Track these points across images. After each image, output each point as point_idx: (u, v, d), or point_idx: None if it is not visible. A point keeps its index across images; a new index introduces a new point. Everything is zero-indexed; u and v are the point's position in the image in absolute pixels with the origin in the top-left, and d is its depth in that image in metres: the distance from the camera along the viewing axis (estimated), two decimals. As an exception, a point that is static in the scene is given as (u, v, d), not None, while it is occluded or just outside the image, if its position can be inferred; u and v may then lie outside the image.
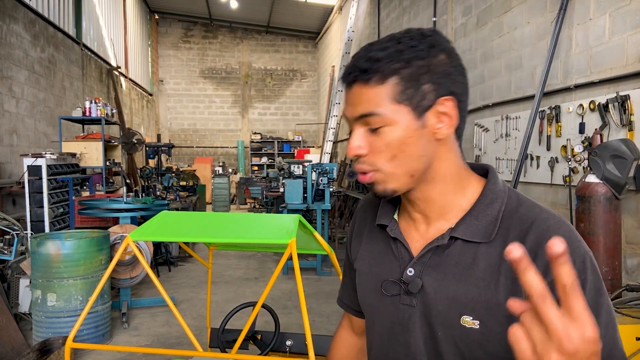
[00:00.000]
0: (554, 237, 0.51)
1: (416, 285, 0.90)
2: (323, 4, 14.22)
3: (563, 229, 0.83)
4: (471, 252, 0.87)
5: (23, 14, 7.20)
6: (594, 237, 3.06)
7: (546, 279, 0.70)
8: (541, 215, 0.85)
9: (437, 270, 0.89)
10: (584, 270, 0.80)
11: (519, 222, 0.85)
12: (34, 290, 4.10)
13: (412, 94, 0.82)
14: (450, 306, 0.87)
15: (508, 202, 0.89)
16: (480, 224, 0.87)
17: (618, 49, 3.48)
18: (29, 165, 5.42)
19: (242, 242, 3.14)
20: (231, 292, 5.91)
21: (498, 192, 0.89)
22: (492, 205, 0.88)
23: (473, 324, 0.85)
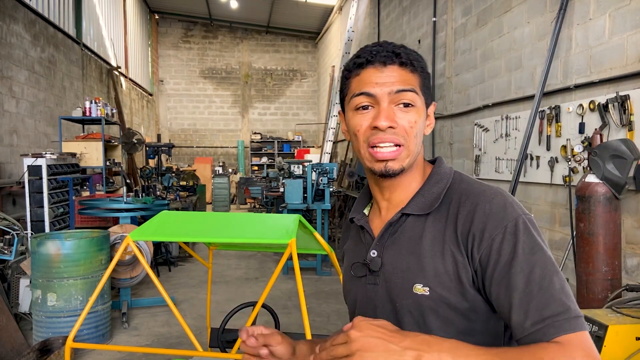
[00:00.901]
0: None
1: (376, 264, 1.01)
2: (323, 4, 14.22)
3: (497, 198, 0.93)
4: (420, 225, 0.98)
5: (23, 14, 7.20)
6: (593, 237, 3.07)
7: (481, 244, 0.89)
8: (479, 188, 0.96)
9: (393, 247, 1.00)
10: (516, 232, 0.88)
11: (459, 194, 0.97)
12: (34, 290, 4.10)
13: (424, 92, 0.99)
14: (404, 277, 0.97)
15: (452, 181, 1.01)
16: (426, 200, 0.99)
17: (618, 49, 3.48)
18: (29, 165, 5.42)
19: (242, 242, 3.15)
20: (231, 292, 5.91)
21: (442, 174, 1.02)
22: (438, 184, 1.01)
23: (424, 290, 0.94)
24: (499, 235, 0.88)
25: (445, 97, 6.57)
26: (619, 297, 2.80)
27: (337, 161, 12.73)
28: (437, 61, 6.87)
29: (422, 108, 0.97)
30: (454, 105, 6.29)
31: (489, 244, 0.89)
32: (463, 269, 0.91)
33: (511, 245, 0.87)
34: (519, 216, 0.90)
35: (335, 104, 10.49)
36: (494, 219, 0.90)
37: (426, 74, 1.00)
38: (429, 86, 1.01)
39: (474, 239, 0.90)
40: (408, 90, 0.94)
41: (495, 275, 0.88)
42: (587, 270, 3.10)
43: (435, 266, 0.94)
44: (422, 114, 0.98)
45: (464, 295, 0.92)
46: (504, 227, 0.89)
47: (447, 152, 6.49)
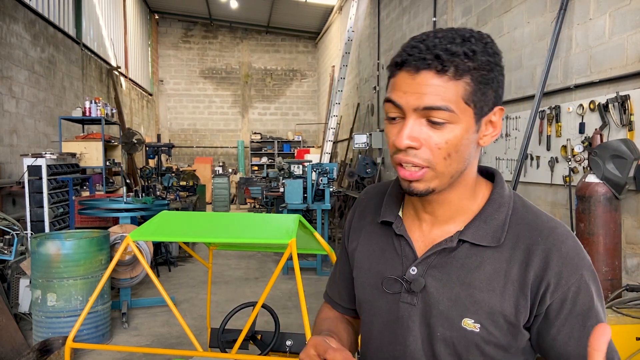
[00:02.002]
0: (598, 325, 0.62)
1: (419, 285, 0.90)
2: (323, 4, 14.22)
3: (570, 239, 0.86)
4: (478, 255, 0.88)
5: (23, 14, 7.20)
6: (593, 237, 3.06)
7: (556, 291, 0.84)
8: (548, 223, 0.88)
9: (441, 271, 0.89)
10: (594, 280, 0.85)
11: (528, 228, 0.87)
12: (34, 290, 4.10)
13: (479, 98, 0.82)
14: (452, 307, 0.87)
15: (514, 206, 0.90)
16: (488, 228, 0.88)
17: (618, 49, 3.48)
18: (29, 165, 5.42)
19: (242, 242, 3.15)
20: (231, 292, 5.91)
21: (505, 197, 0.91)
22: (500, 210, 0.89)
23: (474, 327, 0.86)
24: (575, 284, 0.83)
25: (445, 97, 6.57)
26: (619, 297, 2.79)
27: (337, 161, 12.73)
28: (437, 61, 6.87)
29: (463, 122, 0.81)
30: (454, 105, 6.29)
31: (565, 292, 0.83)
32: (522, 312, 0.85)
33: (589, 295, 0.84)
34: (589, 266, 0.86)
35: (335, 104, 10.48)
36: (570, 265, 0.84)
37: (485, 75, 0.81)
38: (491, 89, 0.83)
39: (548, 285, 0.84)
40: (439, 109, 0.79)
41: (567, 324, 0.84)
42: (587, 270, 3.10)
43: (491, 303, 0.85)
44: (463, 129, 0.81)
45: (515, 337, 0.87)
46: (580, 275, 0.84)
47: (447, 152, 6.49)
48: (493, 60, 0.82)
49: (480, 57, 0.80)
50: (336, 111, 10.53)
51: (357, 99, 11.64)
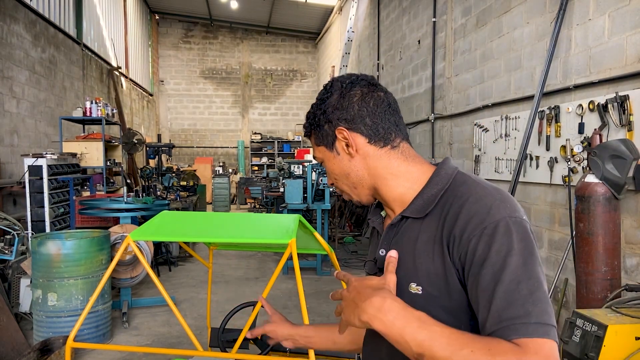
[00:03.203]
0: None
1: (382, 260, 1.04)
2: (323, 5, 14.22)
3: (486, 199, 0.94)
4: (417, 227, 1.02)
5: (24, 14, 7.21)
6: (593, 237, 3.07)
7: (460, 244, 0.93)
8: (474, 190, 0.98)
9: (397, 247, 1.04)
10: (493, 234, 0.89)
11: (454, 195, 0.99)
12: (34, 290, 4.10)
13: (322, 137, 1.09)
14: (404, 276, 1.00)
15: (452, 182, 1.02)
16: (424, 202, 1.02)
17: (617, 49, 3.48)
18: (29, 165, 5.43)
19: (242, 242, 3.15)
20: (231, 291, 5.91)
21: (442, 176, 1.04)
22: (436, 187, 1.03)
23: (417, 289, 0.99)
24: (475, 237, 0.90)
25: (444, 97, 6.58)
26: (619, 297, 2.80)
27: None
28: (437, 61, 6.88)
29: (325, 157, 1.11)
30: (454, 106, 6.30)
31: (466, 245, 0.91)
32: (449, 269, 0.95)
33: (485, 246, 0.89)
34: (502, 218, 0.90)
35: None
36: (475, 220, 0.91)
37: (315, 122, 1.09)
38: (323, 127, 1.09)
39: (454, 239, 0.93)
40: (315, 158, 1.12)
41: (469, 275, 0.91)
42: (587, 270, 3.11)
43: (427, 266, 0.98)
44: (327, 160, 1.10)
45: (450, 294, 0.95)
46: (482, 229, 0.90)
47: (447, 152, 6.50)
48: (321, 103, 1.09)
49: (312, 111, 1.11)
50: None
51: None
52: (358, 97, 1.05)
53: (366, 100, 1.05)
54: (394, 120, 1.06)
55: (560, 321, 3.77)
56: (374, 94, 1.06)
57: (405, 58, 8.27)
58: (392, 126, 1.06)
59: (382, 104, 1.06)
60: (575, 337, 2.53)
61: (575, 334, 2.53)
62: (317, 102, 1.09)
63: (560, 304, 3.92)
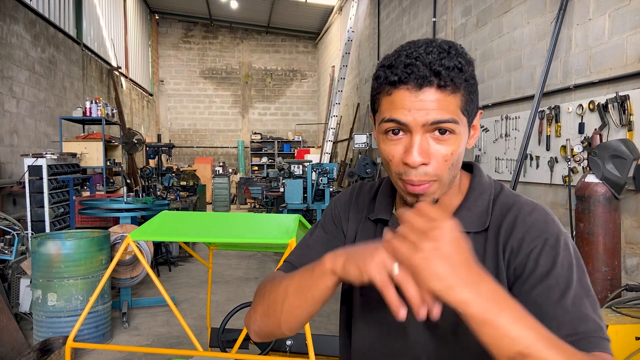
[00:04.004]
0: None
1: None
2: (323, 4, 14.22)
3: (537, 211, 0.90)
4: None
5: (24, 14, 7.21)
6: (593, 237, 3.07)
7: (518, 254, 0.86)
8: (519, 200, 0.93)
9: None
10: (556, 246, 0.85)
11: (500, 207, 0.92)
12: (34, 290, 4.10)
13: (470, 107, 0.86)
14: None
15: (495, 192, 0.96)
16: (473, 215, 0.92)
17: (617, 49, 3.48)
18: (29, 165, 5.43)
19: (242, 242, 3.15)
20: (231, 292, 5.91)
21: (485, 185, 0.96)
22: (482, 197, 0.94)
23: None
24: (538, 247, 0.86)
25: (445, 97, 6.57)
26: (619, 297, 2.80)
27: (337, 161, 12.74)
28: (437, 61, 6.88)
29: (463, 132, 0.85)
30: (454, 106, 6.29)
31: (527, 254, 0.86)
32: (502, 282, 0.88)
33: (549, 257, 0.85)
34: (561, 233, 0.88)
35: (335, 104, 10.49)
36: (535, 231, 0.87)
37: (471, 84, 0.85)
38: (475, 96, 0.87)
39: (512, 249, 0.87)
40: (447, 121, 0.81)
41: (527, 285, 0.85)
42: (587, 270, 3.10)
43: None
44: (463, 138, 0.86)
45: None
46: (544, 239, 0.86)
47: (447, 152, 6.50)
48: (473, 69, 0.87)
49: (467, 68, 0.84)
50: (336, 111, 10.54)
51: (357, 99, 11.65)
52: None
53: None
54: None
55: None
56: None
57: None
58: None
59: None
60: (575, 337, 2.52)
61: (576, 334, 2.52)
62: (468, 62, 0.85)
63: (560, 304, 3.92)
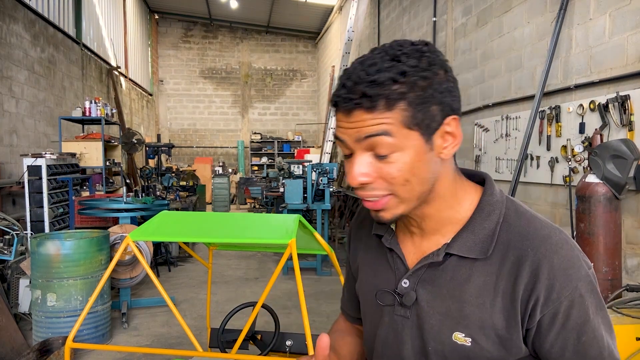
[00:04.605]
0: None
1: (410, 298, 0.89)
2: (323, 4, 14.22)
3: (565, 247, 0.81)
4: (467, 267, 0.85)
5: (23, 14, 7.20)
6: (593, 237, 3.06)
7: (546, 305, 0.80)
8: (541, 231, 0.82)
9: (431, 284, 0.88)
10: (587, 293, 0.81)
11: (519, 237, 0.82)
12: (33, 290, 4.09)
13: (421, 118, 0.77)
14: (443, 321, 0.86)
15: (506, 213, 0.86)
16: (476, 238, 0.85)
17: (618, 49, 3.48)
18: (28, 165, 5.42)
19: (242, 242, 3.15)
20: (231, 292, 5.91)
21: (495, 204, 0.86)
22: (489, 218, 0.85)
23: (465, 341, 0.84)
24: (568, 297, 0.79)
25: (445, 97, 6.57)
26: (619, 297, 2.80)
27: (337, 161, 12.74)
28: (437, 61, 6.87)
29: (410, 147, 0.77)
30: (454, 105, 6.29)
31: (557, 306, 0.80)
32: (514, 327, 0.82)
33: (583, 309, 0.80)
34: (587, 273, 0.81)
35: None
36: (562, 276, 0.79)
37: (420, 94, 0.76)
38: (436, 101, 0.77)
39: (537, 298, 0.80)
40: (378, 134, 0.76)
41: (559, 339, 0.81)
42: (587, 271, 3.10)
43: (482, 317, 0.83)
44: (412, 153, 0.77)
45: (509, 350, 0.84)
46: (574, 288, 0.79)
47: (447, 152, 6.49)
48: (428, 74, 0.76)
49: (412, 77, 0.75)
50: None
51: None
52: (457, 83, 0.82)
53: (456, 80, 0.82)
54: None
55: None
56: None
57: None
58: None
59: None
60: (576, 337, 2.52)
61: (576, 335, 2.52)
62: (416, 67, 0.76)
63: (560, 304, 3.92)
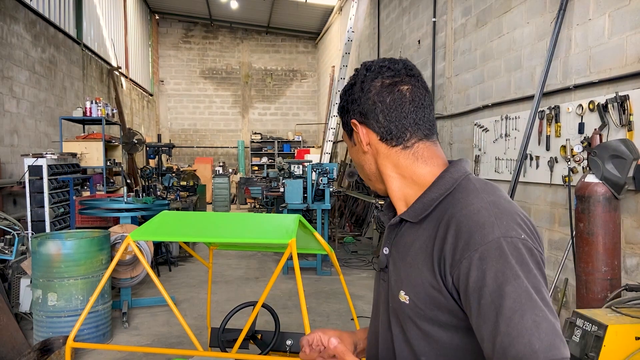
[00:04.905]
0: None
1: (383, 262, 1.05)
2: (323, 5, 14.22)
3: (481, 213, 0.86)
4: (413, 233, 0.98)
5: (24, 14, 7.21)
6: (593, 237, 3.07)
7: (453, 267, 0.86)
8: (469, 200, 0.90)
9: (396, 249, 1.02)
10: (487, 258, 0.81)
11: (451, 206, 0.92)
12: (34, 290, 4.10)
13: (344, 124, 1.07)
14: (396, 281, 0.99)
15: (456, 188, 0.95)
16: (421, 206, 0.97)
17: (617, 49, 3.48)
18: (29, 165, 5.43)
19: (243, 242, 3.15)
20: (231, 291, 5.91)
21: (447, 180, 0.97)
22: (436, 191, 0.96)
23: (405, 298, 0.94)
24: (466, 259, 0.83)
25: (445, 97, 6.58)
26: (619, 296, 2.80)
27: (337, 161, 12.74)
28: (437, 61, 6.88)
29: (350, 143, 1.08)
30: (454, 106, 6.30)
31: (458, 267, 0.84)
32: (439, 286, 0.88)
33: (480, 272, 0.81)
34: (495, 239, 0.82)
35: (335, 104, 10.48)
36: (466, 239, 0.84)
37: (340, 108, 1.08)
38: (344, 112, 1.07)
39: (444, 260, 0.87)
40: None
41: (466, 302, 0.84)
42: (587, 270, 3.11)
43: (416, 277, 0.92)
44: (351, 147, 1.08)
45: (440, 309, 0.89)
46: (474, 251, 0.82)
47: (447, 152, 6.50)
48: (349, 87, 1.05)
49: (341, 100, 1.07)
50: (336, 111, 10.50)
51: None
52: (376, 90, 0.99)
53: (383, 95, 0.99)
54: (412, 119, 0.99)
55: (560, 321, 3.77)
56: (395, 87, 0.99)
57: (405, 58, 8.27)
58: (408, 125, 0.99)
59: (400, 101, 0.98)
60: (575, 337, 2.53)
61: (575, 334, 2.53)
62: (346, 86, 1.06)
63: (560, 304, 3.92)
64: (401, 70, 1.01)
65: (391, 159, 1.02)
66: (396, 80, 1.00)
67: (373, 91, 1.00)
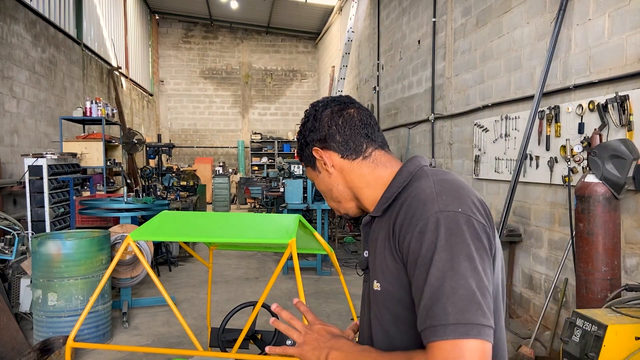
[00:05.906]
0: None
1: (363, 263, 1.14)
2: (323, 5, 14.22)
3: (424, 193, 0.97)
4: (379, 225, 1.08)
5: (24, 14, 7.21)
6: (593, 237, 3.07)
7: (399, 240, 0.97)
8: (420, 185, 1.01)
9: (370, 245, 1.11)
10: (424, 231, 0.91)
11: (404, 194, 1.03)
12: (34, 290, 4.10)
13: (306, 160, 1.20)
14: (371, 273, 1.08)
15: (412, 179, 1.06)
16: (382, 201, 1.08)
17: (617, 49, 3.48)
18: (29, 165, 5.43)
19: (243, 242, 3.16)
20: (231, 291, 5.92)
21: (403, 174, 1.08)
22: (395, 186, 1.07)
23: (377, 286, 1.04)
24: (409, 233, 0.94)
25: (444, 97, 6.58)
26: (619, 296, 2.80)
27: (337, 161, 12.72)
28: (437, 61, 6.88)
29: (315, 174, 1.19)
30: (454, 106, 6.30)
31: (403, 241, 0.95)
32: (398, 264, 0.98)
33: (417, 243, 0.92)
34: (432, 214, 0.92)
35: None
36: (410, 216, 0.95)
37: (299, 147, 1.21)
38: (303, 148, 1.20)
39: (396, 236, 0.98)
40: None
41: (410, 274, 0.94)
42: (587, 270, 3.11)
43: (381, 263, 1.03)
44: (317, 177, 1.19)
45: (405, 289, 0.98)
46: (415, 225, 0.93)
47: (447, 152, 6.50)
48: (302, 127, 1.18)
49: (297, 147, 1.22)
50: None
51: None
52: (328, 117, 1.13)
53: (335, 119, 1.13)
54: (364, 133, 1.13)
55: (560, 321, 3.77)
56: (344, 112, 1.14)
57: (405, 58, 8.27)
58: (362, 138, 1.12)
59: (351, 121, 1.13)
60: (575, 337, 2.53)
61: (575, 334, 2.53)
62: (300, 126, 1.19)
63: (560, 304, 3.93)
64: (345, 100, 1.17)
65: (355, 171, 1.13)
66: (342, 107, 1.15)
67: (326, 118, 1.14)
